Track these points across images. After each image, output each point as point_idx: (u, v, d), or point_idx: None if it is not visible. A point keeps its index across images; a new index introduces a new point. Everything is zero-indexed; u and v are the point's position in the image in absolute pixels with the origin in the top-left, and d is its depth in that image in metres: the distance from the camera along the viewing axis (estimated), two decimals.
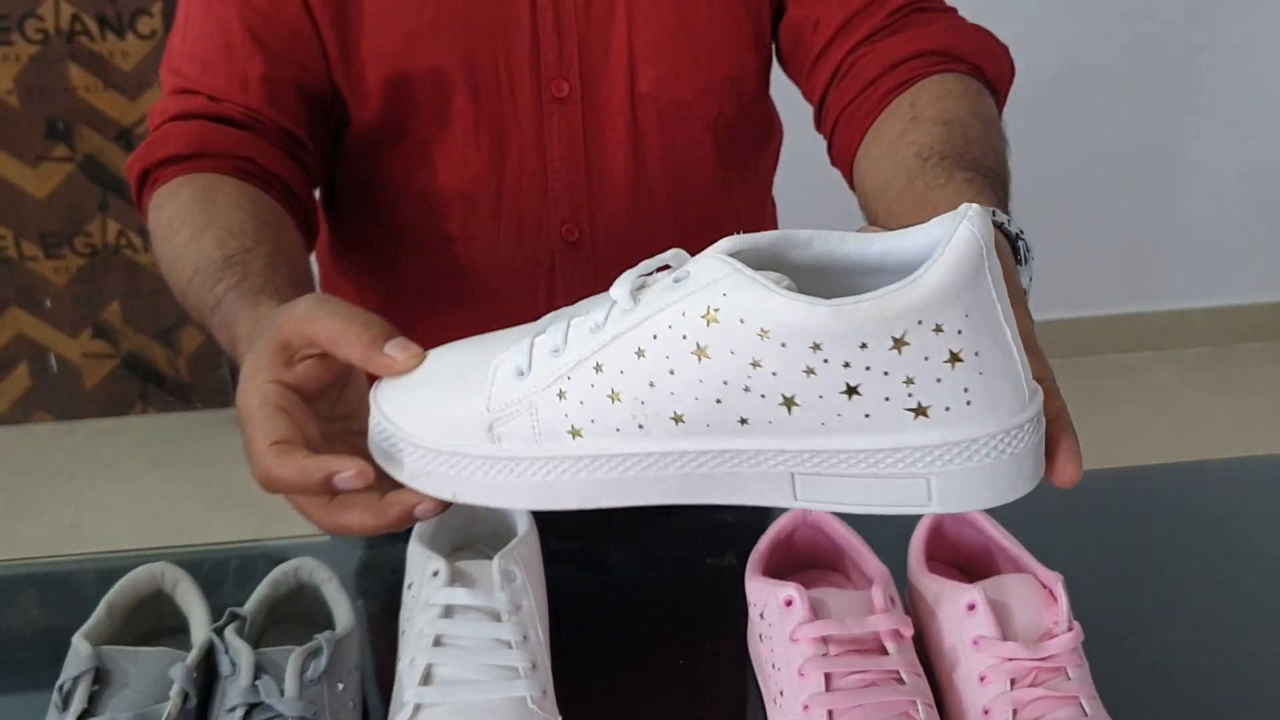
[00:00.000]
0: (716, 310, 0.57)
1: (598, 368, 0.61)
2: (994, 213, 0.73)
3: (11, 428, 3.04)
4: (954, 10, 0.99)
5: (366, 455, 0.66)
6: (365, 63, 0.99)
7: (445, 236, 1.06)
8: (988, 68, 0.95)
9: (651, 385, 0.60)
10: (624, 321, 0.60)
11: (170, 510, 2.75)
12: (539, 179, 1.03)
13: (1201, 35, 2.88)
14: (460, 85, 0.99)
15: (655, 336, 0.59)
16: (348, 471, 0.61)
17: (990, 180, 0.81)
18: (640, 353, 0.59)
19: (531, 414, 0.63)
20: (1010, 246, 0.75)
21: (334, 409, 0.71)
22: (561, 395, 0.62)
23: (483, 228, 1.05)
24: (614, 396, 0.61)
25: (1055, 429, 0.64)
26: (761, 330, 0.56)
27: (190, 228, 0.87)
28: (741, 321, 0.56)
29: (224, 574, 1.01)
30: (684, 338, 0.58)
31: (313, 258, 1.03)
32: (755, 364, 0.57)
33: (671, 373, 0.59)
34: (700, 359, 0.58)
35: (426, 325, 1.13)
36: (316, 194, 1.06)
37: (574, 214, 1.05)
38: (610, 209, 1.05)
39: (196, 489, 2.83)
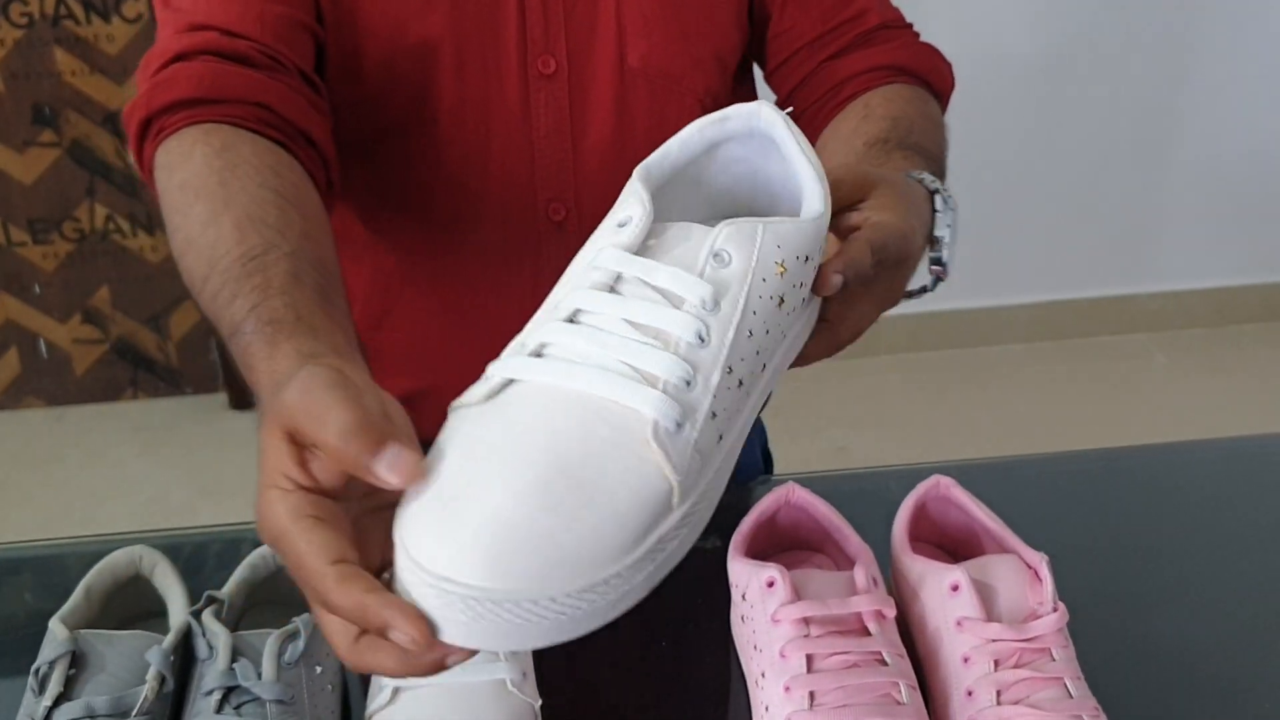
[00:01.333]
0: (781, 262, 0.60)
1: (729, 369, 0.59)
2: (923, 176, 0.83)
3: (1, 413, 3.03)
4: (910, 26, 1.08)
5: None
6: (359, 36, 0.97)
7: (430, 217, 1.05)
8: (934, 81, 1.04)
9: (758, 353, 0.60)
10: (724, 313, 0.59)
11: (161, 495, 2.75)
12: (525, 158, 1.03)
13: (1193, 14, 2.87)
14: (447, 63, 0.98)
15: (754, 313, 0.60)
16: (406, 634, 0.52)
17: (925, 158, 0.89)
18: (751, 332, 0.60)
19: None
20: (930, 202, 0.83)
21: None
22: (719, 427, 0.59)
23: (468, 208, 1.04)
24: (741, 382, 0.60)
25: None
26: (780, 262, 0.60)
27: (206, 204, 0.76)
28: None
29: (205, 558, 1.00)
30: (773, 298, 0.60)
31: None
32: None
33: (767, 332, 0.60)
34: (780, 306, 0.61)
35: (414, 304, 1.13)
36: None
37: (560, 193, 1.04)
38: (595, 187, 1.04)
39: (187, 474, 2.82)
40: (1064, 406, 2.97)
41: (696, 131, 0.66)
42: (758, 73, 1.14)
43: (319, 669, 0.79)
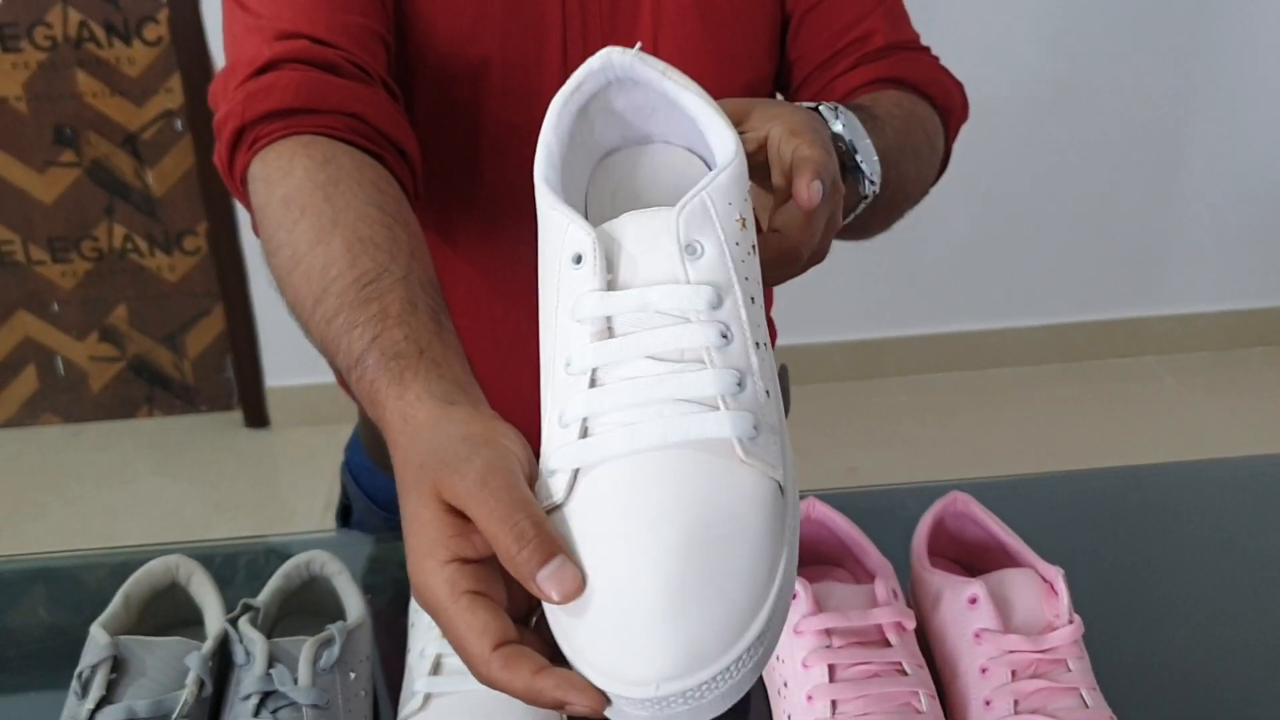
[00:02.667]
0: (740, 217, 0.59)
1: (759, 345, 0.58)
2: (836, 110, 0.84)
3: (19, 430, 3.05)
4: (926, 50, 1.08)
5: None
6: (412, 59, 0.98)
7: (470, 240, 1.07)
8: (936, 94, 1.04)
9: (760, 307, 0.60)
10: (728, 301, 0.57)
11: (175, 511, 2.77)
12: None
13: (1204, 37, 2.89)
14: (494, 88, 1.00)
15: (746, 279, 0.58)
16: (586, 706, 0.52)
17: (865, 114, 0.87)
18: (753, 299, 0.59)
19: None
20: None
21: None
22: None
23: (503, 231, 1.06)
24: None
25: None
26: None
27: (313, 222, 0.74)
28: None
29: (234, 569, 1.02)
30: (749, 251, 0.59)
31: None
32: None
33: (758, 284, 0.60)
34: (753, 252, 0.60)
35: (457, 323, 1.14)
36: None
37: None
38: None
39: (202, 491, 2.84)
40: (1073, 428, 2.99)
41: (561, 108, 0.64)
42: None
43: (353, 675, 0.81)
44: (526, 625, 0.58)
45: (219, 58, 0.94)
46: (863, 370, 3.16)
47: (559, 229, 0.59)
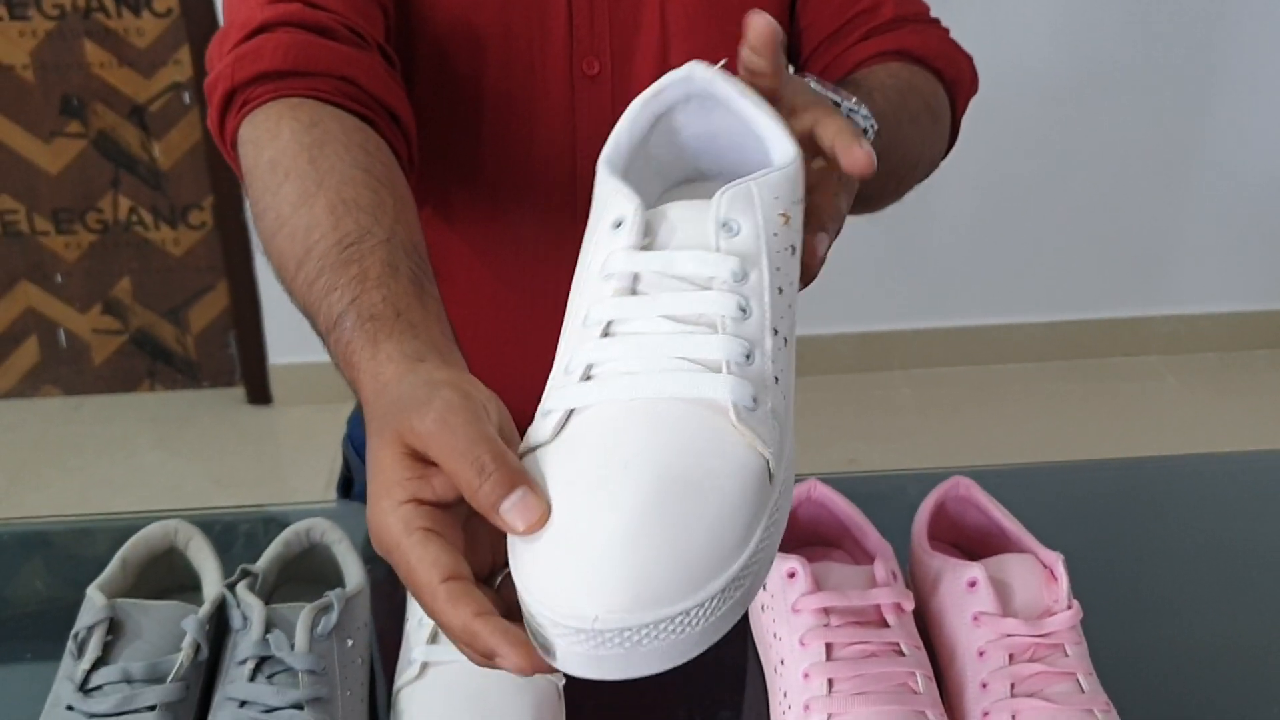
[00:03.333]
0: (784, 213, 0.60)
1: (776, 332, 0.58)
2: (829, 88, 0.82)
3: (20, 401, 3.06)
4: (936, 21, 1.08)
5: None
6: (412, 28, 0.98)
7: (470, 214, 1.07)
8: (943, 67, 1.03)
9: (790, 306, 0.60)
10: (753, 280, 0.58)
11: (175, 486, 2.77)
12: (567, 159, 1.04)
13: (1213, 36, 2.89)
14: (495, 59, 0.99)
15: (778, 269, 0.59)
16: (513, 663, 0.52)
17: (862, 92, 0.87)
18: (781, 289, 0.59)
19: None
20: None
21: None
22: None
23: (505, 208, 1.06)
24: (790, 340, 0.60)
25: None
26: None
27: (297, 184, 0.74)
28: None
29: (234, 536, 1.02)
30: (788, 248, 0.60)
31: None
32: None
33: (791, 283, 0.61)
34: (793, 254, 0.61)
35: (448, 299, 1.14)
36: None
37: None
38: None
39: (202, 466, 2.84)
40: (1074, 425, 2.99)
41: (640, 108, 0.65)
42: None
43: (350, 642, 0.81)
44: (489, 585, 0.58)
45: None
46: (866, 362, 3.16)
47: (606, 199, 0.60)
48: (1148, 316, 3.23)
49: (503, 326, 1.10)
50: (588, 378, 0.56)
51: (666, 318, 0.56)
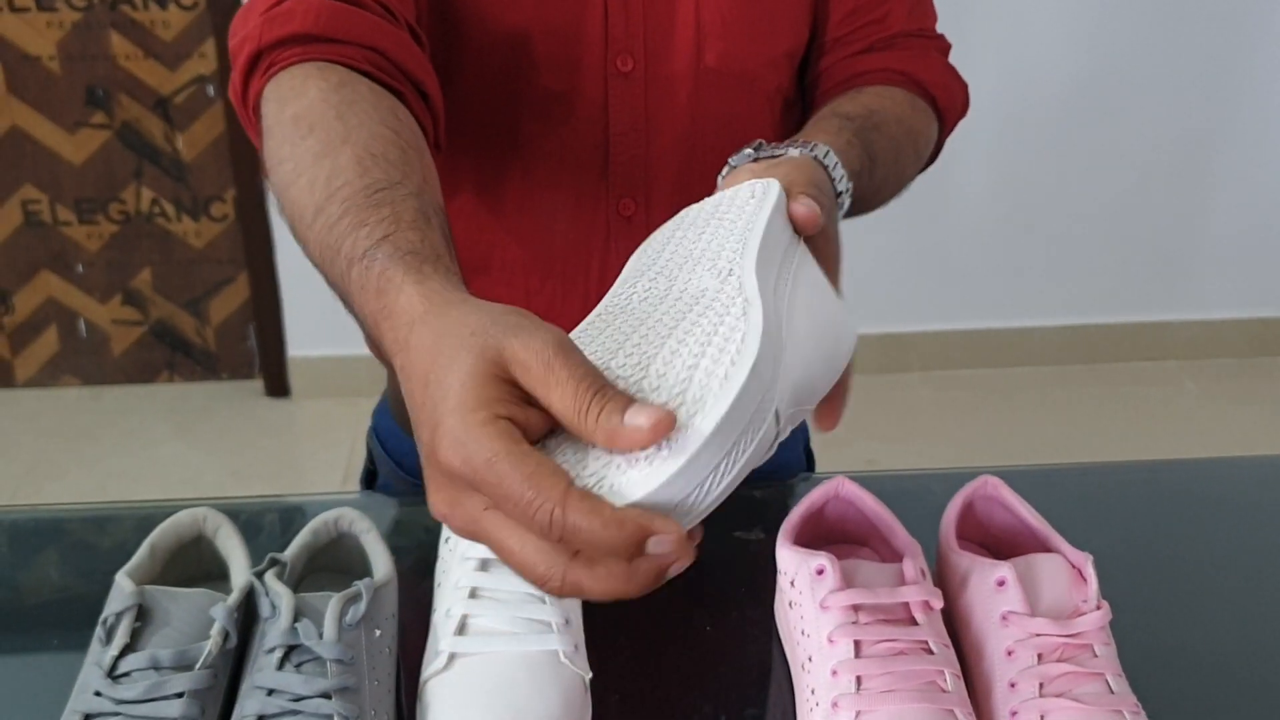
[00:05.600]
0: None
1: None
2: (823, 152, 0.85)
3: (39, 391, 3.07)
4: (940, 37, 1.11)
5: None
6: (451, 27, 0.98)
7: (501, 206, 1.07)
8: (939, 96, 1.07)
9: None
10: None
11: (193, 478, 2.78)
12: (600, 155, 1.04)
13: (1235, 40, 2.88)
14: (534, 57, 0.99)
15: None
16: (669, 535, 0.51)
17: (862, 145, 0.92)
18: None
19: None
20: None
21: None
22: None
23: (540, 200, 1.06)
24: None
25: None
26: None
27: (321, 136, 0.71)
28: None
29: (260, 526, 1.02)
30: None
31: None
32: None
33: None
34: None
35: (482, 290, 1.14)
36: None
37: (631, 190, 1.05)
38: (666, 184, 1.06)
39: (219, 458, 2.85)
40: (1093, 429, 2.98)
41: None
42: None
43: (378, 632, 0.81)
44: None
45: None
46: (885, 364, 3.15)
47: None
48: (1168, 321, 3.22)
49: (540, 311, 1.11)
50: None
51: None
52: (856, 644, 0.79)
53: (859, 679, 0.78)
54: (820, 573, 0.83)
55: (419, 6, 0.93)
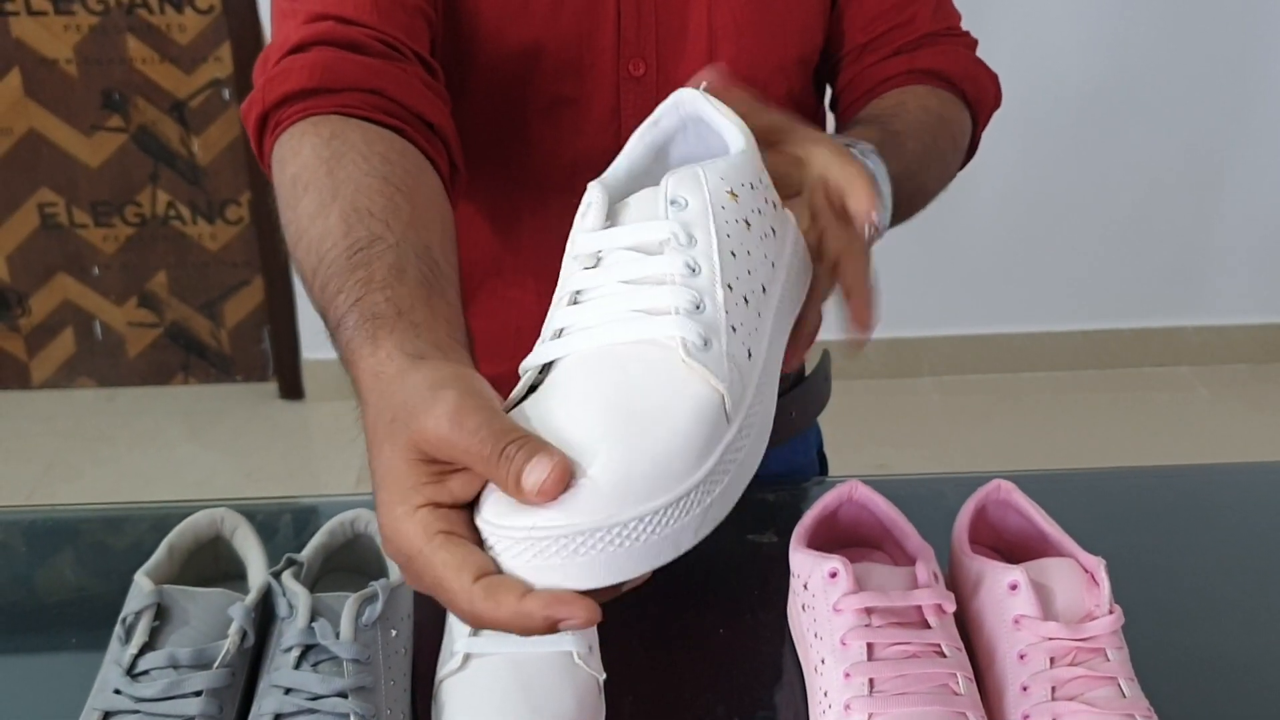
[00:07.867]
0: (731, 190, 0.64)
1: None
2: (866, 154, 0.86)
3: (54, 392, 3.08)
4: (965, 34, 1.11)
5: None
6: (462, 37, 0.98)
7: (513, 211, 1.08)
8: (969, 90, 1.07)
9: (750, 272, 0.64)
10: (701, 243, 0.62)
11: (207, 480, 2.79)
12: (611, 159, 1.04)
13: (1249, 46, 2.87)
14: (546, 64, 1.00)
15: (729, 236, 0.63)
16: (583, 617, 0.53)
17: (889, 136, 0.93)
18: (734, 253, 0.63)
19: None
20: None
21: None
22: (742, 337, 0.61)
23: (552, 204, 1.06)
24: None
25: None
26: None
27: (315, 196, 0.75)
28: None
29: (274, 527, 1.03)
30: (739, 221, 0.64)
31: None
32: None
33: (748, 253, 0.64)
34: (749, 229, 0.65)
35: (496, 293, 1.15)
36: None
37: None
38: None
39: (233, 460, 2.86)
40: (1104, 434, 2.97)
41: (638, 141, 0.71)
42: None
43: (394, 632, 0.82)
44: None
45: (270, 28, 0.94)
46: (896, 369, 3.15)
47: (585, 197, 0.66)
48: (1180, 326, 3.22)
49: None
50: (557, 337, 0.62)
51: (623, 282, 0.61)
52: (869, 647, 0.80)
53: (871, 681, 0.78)
54: (833, 576, 0.83)
55: (433, 30, 0.94)
